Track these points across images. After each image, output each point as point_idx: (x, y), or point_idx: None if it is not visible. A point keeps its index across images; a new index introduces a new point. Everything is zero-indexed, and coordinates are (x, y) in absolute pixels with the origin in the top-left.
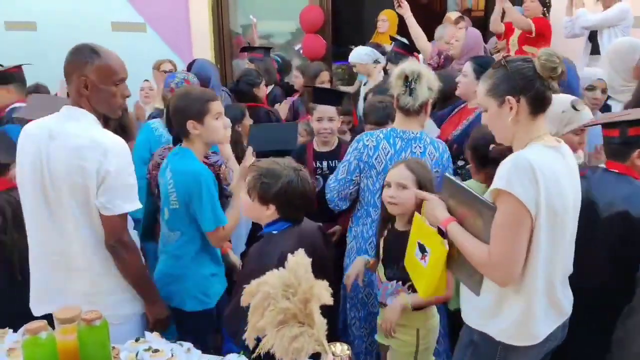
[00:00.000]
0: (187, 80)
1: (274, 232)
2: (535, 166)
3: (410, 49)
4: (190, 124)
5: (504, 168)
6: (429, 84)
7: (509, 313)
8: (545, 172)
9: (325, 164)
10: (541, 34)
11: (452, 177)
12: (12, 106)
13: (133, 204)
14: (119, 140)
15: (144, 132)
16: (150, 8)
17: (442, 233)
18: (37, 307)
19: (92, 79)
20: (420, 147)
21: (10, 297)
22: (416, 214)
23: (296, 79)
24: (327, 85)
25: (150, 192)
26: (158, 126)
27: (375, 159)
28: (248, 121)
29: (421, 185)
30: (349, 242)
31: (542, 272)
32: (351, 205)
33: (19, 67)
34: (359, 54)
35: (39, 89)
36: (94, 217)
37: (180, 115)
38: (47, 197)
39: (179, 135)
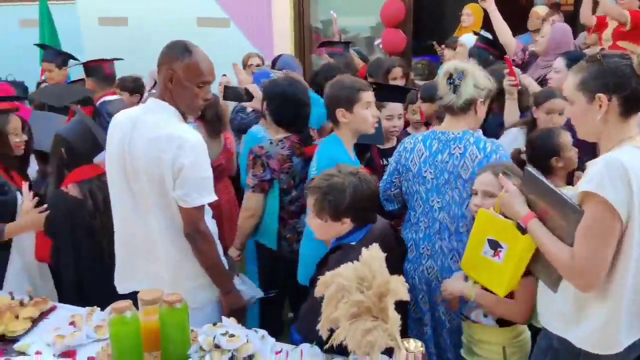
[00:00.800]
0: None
1: (353, 243)
2: (629, 168)
3: (495, 45)
4: (339, 112)
5: (595, 170)
6: (476, 82)
7: (591, 320)
8: (639, 175)
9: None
10: (637, 28)
11: (535, 173)
12: (104, 99)
13: (209, 196)
14: (195, 135)
15: (249, 140)
16: (234, 4)
17: (521, 229)
18: (121, 285)
19: (178, 74)
20: (460, 147)
21: (99, 278)
22: (481, 209)
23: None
24: (400, 82)
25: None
26: (259, 129)
27: (411, 161)
28: None
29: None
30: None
31: (632, 280)
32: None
33: (98, 61)
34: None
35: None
36: (172, 206)
37: (331, 102)
38: (129, 185)
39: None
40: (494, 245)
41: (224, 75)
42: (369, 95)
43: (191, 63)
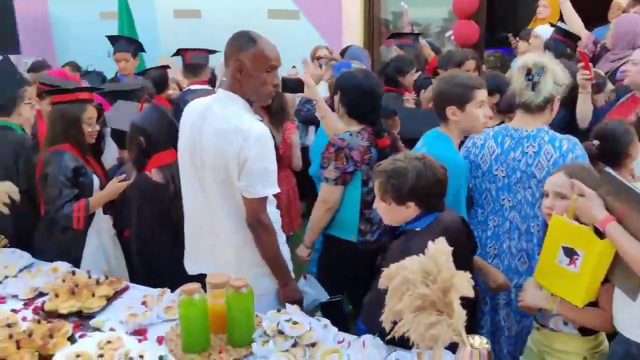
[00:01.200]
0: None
1: (417, 229)
2: None
3: (572, 37)
4: (450, 110)
5: None
6: (555, 78)
7: None
8: None
9: None
10: None
11: (614, 173)
12: (188, 88)
13: (272, 188)
14: (261, 127)
15: (321, 136)
16: None
17: (599, 233)
18: (190, 267)
19: (246, 64)
20: (534, 146)
21: (173, 259)
22: (554, 215)
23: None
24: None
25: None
26: None
27: (481, 158)
28: None
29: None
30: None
31: None
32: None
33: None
34: None
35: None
36: (237, 196)
37: (442, 98)
38: (197, 173)
39: (437, 117)
40: (569, 253)
41: (294, 67)
42: (482, 94)
43: (257, 51)
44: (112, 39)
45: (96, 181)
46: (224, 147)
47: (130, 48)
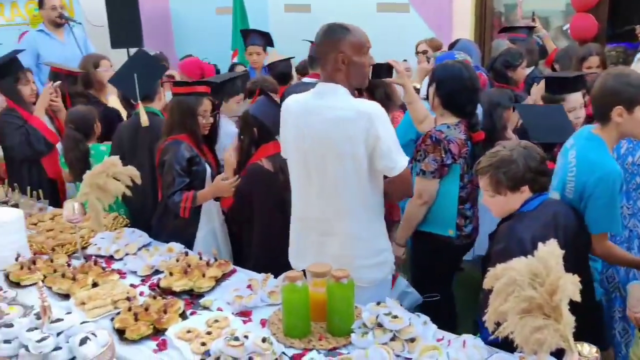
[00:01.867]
0: (467, 60)
1: (526, 210)
2: None
3: None
4: (617, 110)
5: None
6: None
7: None
8: None
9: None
10: None
11: None
12: (302, 80)
13: (406, 157)
14: (377, 106)
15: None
16: None
17: None
18: (294, 262)
19: (347, 53)
20: None
21: (280, 247)
22: None
23: None
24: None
25: None
26: None
27: None
28: None
29: None
30: None
31: None
32: None
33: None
34: None
35: None
36: (362, 182)
37: (608, 96)
38: (307, 166)
39: (596, 116)
40: None
41: (405, 60)
42: None
43: (354, 38)
44: (245, 33)
45: (208, 170)
46: (349, 134)
47: (262, 41)
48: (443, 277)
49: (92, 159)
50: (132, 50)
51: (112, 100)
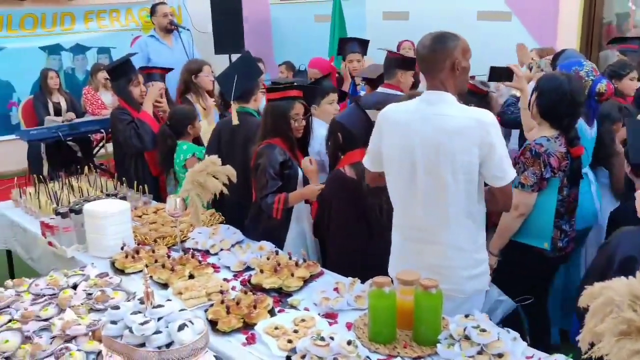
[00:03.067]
0: (595, 69)
1: None
2: None
3: None
4: None
5: None
6: None
7: None
8: None
9: None
10: None
11: None
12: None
13: (514, 170)
14: (491, 114)
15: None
16: None
17: None
18: (392, 272)
19: (459, 60)
20: None
21: (365, 251)
22: None
23: None
24: None
25: None
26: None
27: None
28: None
29: None
30: None
31: None
32: None
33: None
34: None
35: None
36: (471, 191)
37: None
38: (414, 175)
39: None
40: None
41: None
42: None
43: (464, 44)
44: (343, 41)
45: (300, 173)
46: (465, 142)
47: (361, 49)
48: (535, 290)
49: (175, 155)
50: (235, 56)
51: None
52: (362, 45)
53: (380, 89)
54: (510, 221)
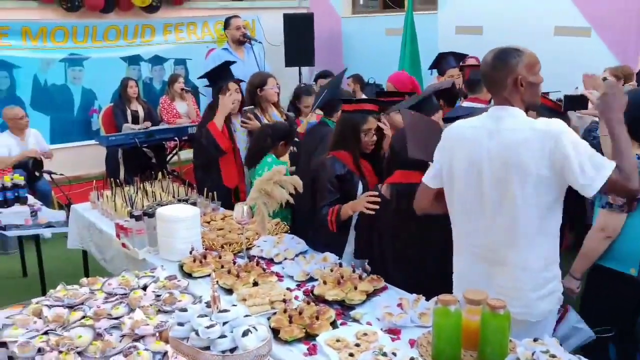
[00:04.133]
0: None
1: None
2: None
3: None
4: None
5: None
6: None
7: None
8: None
9: None
10: None
11: None
12: (460, 104)
13: (605, 167)
14: (560, 122)
15: None
16: (598, 12)
17: None
18: (456, 293)
19: (524, 75)
20: None
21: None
22: None
23: None
24: None
25: None
26: None
27: None
28: None
29: None
30: None
31: None
32: None
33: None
34: None
35: None
36: (541, 207)
37: None
38: (481, 192)
39: None
40: None
41: (576, 88)
42: None
43: (527, 59)
44: (440, 55)
45: (360, 188)
46: (534, 155)
47: (458, 64)
48: (620, 318)
49: (258, 165)
50: (304, 69)
51: None
52: (458, 59)
53: (465, 103)
54: (595, 243)
